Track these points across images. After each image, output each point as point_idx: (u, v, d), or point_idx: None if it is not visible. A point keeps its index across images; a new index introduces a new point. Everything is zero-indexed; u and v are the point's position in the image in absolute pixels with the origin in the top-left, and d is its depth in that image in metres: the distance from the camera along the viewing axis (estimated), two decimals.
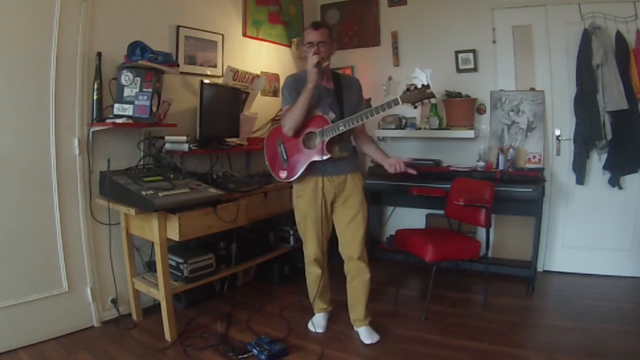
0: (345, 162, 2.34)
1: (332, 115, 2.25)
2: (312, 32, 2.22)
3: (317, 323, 2.53)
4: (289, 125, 2.24)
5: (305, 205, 2.36)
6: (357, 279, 2.38)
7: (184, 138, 2.70)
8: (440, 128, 3.62)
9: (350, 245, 2.34)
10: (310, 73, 2.16)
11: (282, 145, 2.37)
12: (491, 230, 3.07)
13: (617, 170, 3.21)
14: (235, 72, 3.25)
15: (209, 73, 3.15)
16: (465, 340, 2.36)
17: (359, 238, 2.33)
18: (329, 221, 2.40)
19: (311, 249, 2.41)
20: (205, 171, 2.90)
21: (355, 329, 2.45)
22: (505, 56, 3.50)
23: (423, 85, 2.16)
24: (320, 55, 2.16)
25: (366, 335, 2.37)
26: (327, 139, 2.21)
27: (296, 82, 2.28)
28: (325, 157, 2.23)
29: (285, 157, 2.36)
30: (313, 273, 2.46)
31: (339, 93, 2.30)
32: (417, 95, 2.16)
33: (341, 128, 2.19)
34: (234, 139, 3.19)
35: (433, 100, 3.59)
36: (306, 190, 2.35)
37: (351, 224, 2.34)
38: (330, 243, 2.50)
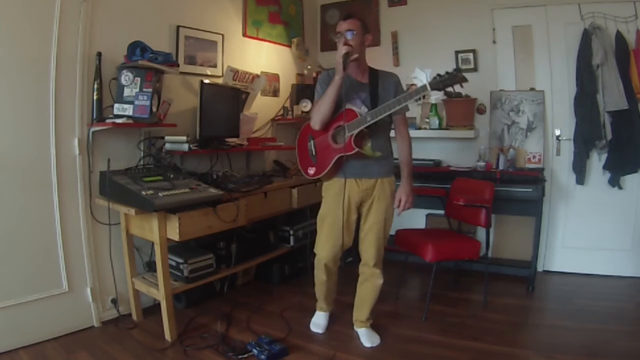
0: (377, 164, 2.23)
1: (364, 110, 2.15)
2: (343, 23, 2.14)
3: (317, 323, 2.53)
4: (315, 118, 2.19)
5: (325, 208, 2.32)
6: (369, 283, 2.37)
7: (184, 138, 2.70)
8: (440, 128, 3.62)
9: (368, 251, 2.30)
10: (338, 65, 2.06)
11: (312, 141, 2.31)
12: (491, 230, 3.07)
13: (617, 170, 3.21)
14: (235, 72, 3.25)
15: (209, 73, 3.15)
16: (465, 340, 2.36)
17: (377, 246, 2.27)
18: (350, 227, 2.29)
19: (321, 253, 2.32)
20: (205, 171, 2.90)
21: (356, 329, 2.45)
22: (505, 56, 3.50)
23: (455, 69, 1.97)
24: (349, 46, 2.05)
25: (366, 337, 2.37)
26: (355, 132, 2.10)
27: (329, 76, 2.20)
28: (351, 153, 2.13)
29: (314, 152, 2.30)
30: (320, 277, 2.40)
31: (374, 88, 2.19)
32: (447, 80, 1.96)
33: (368, 119, 2.06)
34: (234, 139, 3.19)
35: (433, 100, 3.63)
36: (330, 191, 2.29)
37: (371, 230, 2.27)
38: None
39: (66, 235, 2.41)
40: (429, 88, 1.99)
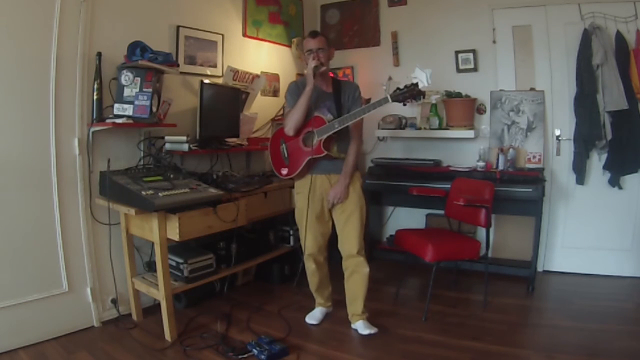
0: (343, 161, 2.40)
1: (329, 117, 2.36)
2: (311, 41, 2.38)
3: (313, 315, 2.63)
4: (289, 125, 2.38)
5: (302, 202, 2.47)
6: (357, 274, 2.43)
7: (184, 138, 2.70)
8: (440, 128, 3.62)
9: (349, 241, 2.42)
10: (309, 76, 2.31)
11: (283, 144, 2.50)
12: (491, 230, 3.07)
13: (617, 170, 3.21)
14: (235, 72, 3.25)
15: (209, 73, 3.15)
16: (465, 340, 2.36)
17: (356, 234, 2.41)
18: (325, 218, 2.48)
19: (306, 244, 2.49)
20: (205, 171, 2.91)
21: (353, 324, 2.47)
22: (505, 56, 3.50)
23: (412, 84, 2.21)
24: (319, 61, 2.32)
25: (363, 327, 2.42)
26: (323, 137, 2.31)
27: (298, 87, 2.42)
28: (321, 155, 2.33)
29: (286, 155, 2.48)
30: (309, 267, 2.55)
31: (338, 96, 2.42)
32: (406, 93, 2.20)
33: (336, 126, 2.28)
34: (234, 139, 3.19)
35: (433, 100, 3.63)
36: (304, 188, 2.46)
37: (348, 221, 2.41)
38: (330, 243, 2.52)
39: (66, 235, 2.41)
40: (390, 100, 2.22)
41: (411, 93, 2.20)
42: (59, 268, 2.40)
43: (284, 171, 2.50)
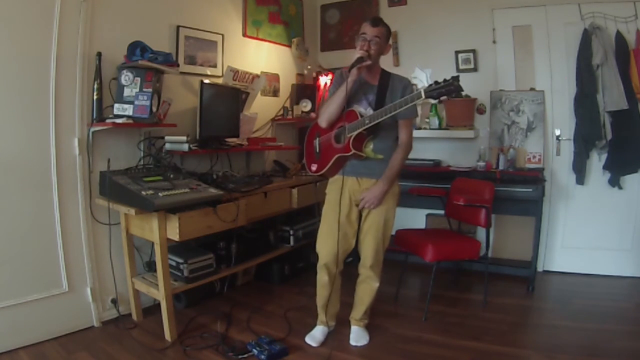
0: (379, 165, 2.20)
1: (369, 111, 2.15)
2: (369, 27, 2.12)
3: (313, 335, 2.39)
4: (322, 117, 2.26)
5: (327, 206, 2.32)
6: (365, 284, 2.37)
7: (184, 138, 2.70)
8: (440, 128, 3.62)
9: (365, 251, 2.30)
10: (351, 67, 2.07)
11: (317, 139, 2.37)
12: (491, 230, 3.07)
13: (617, 170, 3.21)
14: (235, 72, 3.25)
15: (209, 73, 3.15)
16: (465, 340, 2.36)
17: (374, 247, 2.25)
18: (351, 225, 2.26)
19: (321, 252, 2.29)
20: (205, 171, 2.90)
21: (351, 326, 2.44)
22: (505, 56, 3.50)
23: (452, 77, 1.90)
24: (366, 52, 2.07)
25: (354, 336, 2.37)
26: (353, 134, 2.11)
27: (342, 77, 2.21)
28: (349, 154, 2.15)
29: (317, 150, 2.36)
30: (321, 279, 2.33)
31: (383, 90, 2.18)
32: (442, 89, 1.90)
33: (367, 122, 2.06)
34: (234, 139, 3.19)
35: (432, 100, 3.63)
36: (332, 189, 2.31)
37: (369, 232, 2.26)
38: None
39: (66, 235, 2.41)
40: (423, 96, 1.93)
41: (449, 90, 1.89)
42: (59, 268, 2.40)
43: (314, 167, 2.36)
